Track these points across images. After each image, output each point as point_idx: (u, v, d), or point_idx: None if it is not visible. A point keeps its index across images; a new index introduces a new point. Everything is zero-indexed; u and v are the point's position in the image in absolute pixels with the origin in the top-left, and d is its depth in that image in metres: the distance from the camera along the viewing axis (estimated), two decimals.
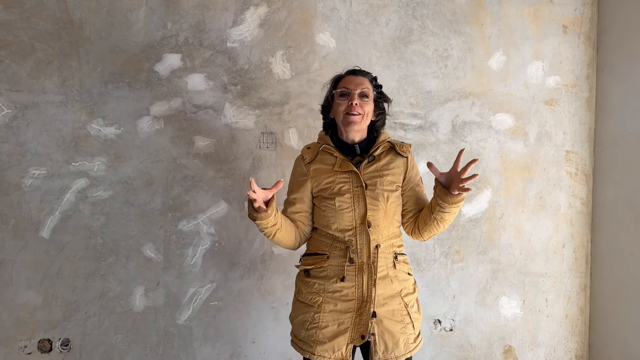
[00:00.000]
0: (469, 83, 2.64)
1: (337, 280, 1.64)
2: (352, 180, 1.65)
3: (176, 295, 2.42)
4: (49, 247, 2.31)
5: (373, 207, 1.64)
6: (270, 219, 1.57)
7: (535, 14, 2.70)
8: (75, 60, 2.31)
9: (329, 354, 1.61)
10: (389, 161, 1.70)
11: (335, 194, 1.66)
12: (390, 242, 1.69)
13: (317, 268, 1.69)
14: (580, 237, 2.80)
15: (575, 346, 2.81)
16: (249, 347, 2.50)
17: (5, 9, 2.24)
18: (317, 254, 1.71)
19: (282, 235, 1.67)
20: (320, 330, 1.63)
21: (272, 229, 1.61)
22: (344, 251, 1.65)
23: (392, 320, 1.63)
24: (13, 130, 2.26)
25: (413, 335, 1.67)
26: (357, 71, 1.74)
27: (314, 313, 1.65)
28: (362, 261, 1.63)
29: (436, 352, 2.66)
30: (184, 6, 2.39)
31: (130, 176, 2.37)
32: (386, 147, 1.72)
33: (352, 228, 1.65)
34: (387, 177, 1.67)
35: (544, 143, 2.73)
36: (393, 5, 2.56)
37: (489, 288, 2.70)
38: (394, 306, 1.64)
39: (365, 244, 1.63)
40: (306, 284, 1.71)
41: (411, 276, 1.74)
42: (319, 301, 1.65)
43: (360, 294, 1.62)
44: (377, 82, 1.76)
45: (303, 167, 1.74)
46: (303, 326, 1.68)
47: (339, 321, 1.63)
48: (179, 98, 2.40)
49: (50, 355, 2.33)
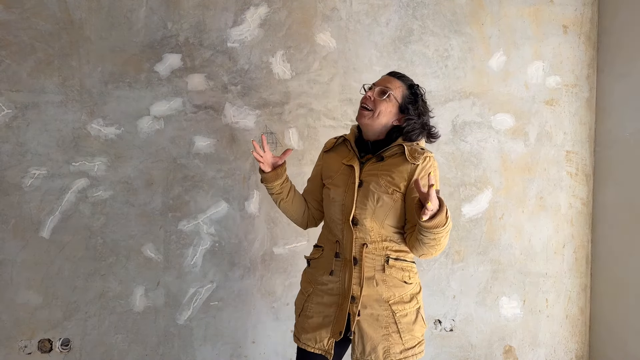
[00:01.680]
0: (469, 83, 2.64)
1: (325, 273, 1.67)
2: (351, 175, 1.66)
3: (176, 295, 2.42)
4: (49, 247, 2.31)
5: (361, 205, 1.61)
6: (276, 183, 1.71)
7: (536, 14, 2.69)
8: (75, 60, 2.31)
9: (312, 344, 1.65)
10: (395, 164, 1.62)
11: (333, 184, 1.69)
12: (383, 245, 1.63)
13: (314, 259, 1.75)
14: (581, 237, 2.80)
15: (576, 346, 2.81)
16: (249, 347, 2.50)
17: (5, 9, 2.24)
18: (318, 246, 1.78)
19: (287, 207, 1.79)
20: (307, 319, 1.68)
21: (277, 196, 1.75)
22: (335, 245, 1.67)
23: (374, 325, 1.60)
24: (13, 130, 2.26)
25: (400, 345, 1.59)
26: (393, 72, 1.73)
27: (304, 302, 1.72)
28: (346, 257, 1.64)
29: (436, 352, 2.66)
30: (184, 6, 2.39)
31: (131, 176, 2.37)
32: (399, 150, 1.64)
33: (341, 222, 1.66)
34: (385, 178, 1.60)
35: (544, 143, 2.73)
36: (393, 5, 2.56)
37: (489, 288, 2.70)
38: (378, 311, 1.60)
39: (350, 240, 1.63)
40: (305, 273, 1.79)
41: (408, 284, 1.64)
42: (310, 291, 1.71)
43: (342, 289, 1.63)
44: (416, 89, 1.68)
45: (322, 154, 1.84)
46: (296, 312, 1.76)
47: (324, 314, 1.65)
48: (179, 98, 2.40)
49: (50, 355, 2.33)
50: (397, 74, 1.70)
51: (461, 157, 2.64)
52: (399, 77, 1.68)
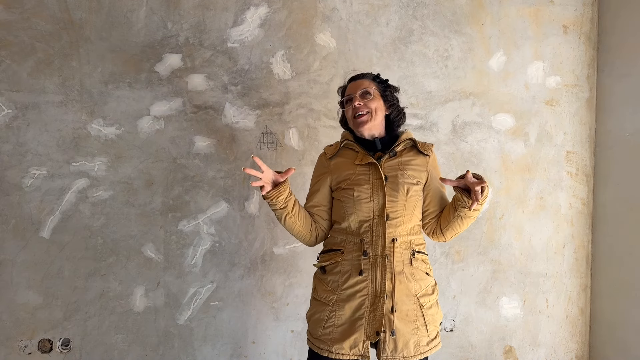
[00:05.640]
0: (469, 83, 2.64)
1: (352, 274, 1.63)
2: (372, 172, 1.66)
3: (176, 296, 2.42)
4: (49, 247, 2.31)
5: (392, 198, 1.64)
6: (280, 199, 1.59)
7: (536, 14, 2.70)
8: (75, 60, 2.31)
9: (347, 352, 1.60)
10: (411, 158, 1.71)
11: (354, 184, 1.67)
12: (409, 239, 1.67)
13: (332, 264, 1.70)
14: (581, 237, 2.80)
15: (576, 346, 2.81)
16: (249, 347, 2.50)
17: (5, 9, 2.24)
18: (332, 250, 1.73)
19: (294, 223, 1.69)
20: (336, 328, 1.62)
21: (281, 211, 1.64)
22: (359, 244, 1.65)
23: (405, 320, 1.61)
24: (13, 131, 2.26)
25: (426, 337, 1.63)
26: (355, 76, 1.80)
27: (329, 311, 1.65)
28: (376, 254, 1.62)
29: (436, 352, 2.66)
30: (185, 6, 2.39)
31: (131, 176, 2.37)
32: (408, 144, 1.74)
33: (370, 219, 1.65)
34: (408, 171, 1.67)
35: (544, 143, 2.73)
36: (393, 6, 2.56)
37: (489, 288, 2.70)
38: (408, 305, 1.62)
39: (381, 236, 1.63)
40: (322, 281, 1.71)
41: (430, 276, 1.71)
42: (333, 299, 1.65)
43: (373, 288, 1.61)
44: (380, 78, 1.78)
45: (324, 162, 1.79)
46: (319, 324, 1.66)
47: (354, 318, 1.62)
48: (180, 98, 2.40)
49: (51, 355, 2.33)
50: (358, 76, 1.79)
51: (461, 157, 2.64)
52: (362, 77, 1.77)
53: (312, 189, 1.80)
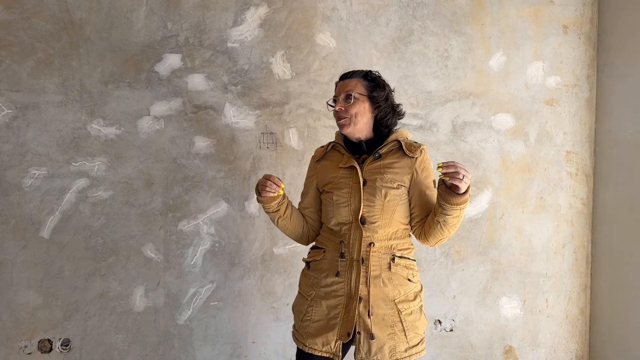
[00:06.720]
0: (469, 83, 2.64)
1: (329, 274, 1.66)
2: (353, 176, 1.66)
3: (176, 296, 2.42)
4: (49, 247, 2.31)
5: (369, 203, 1.63)
6: (273, 203, 1.69)
7: (536, 14, 2.70)
8: (75, 60, 2.31)
9: (319, 348, 1.63)
10: (395, 160, 1.66)
11: (335, 187, 1.68)
12: (389, 243, 1.66)
13: (314, 261, 1.74)
14: (581, 237, 2.80)
15: (576, 346, 2.81)
16: (249, 347, 2.50)
17: (5, 9, 2.24)
18: (317, 248, 1.77)
19: (286, 225, 1.78)
20: (312, 323, 1.66)
21: (274, 214, 1.74)
22: (339, 246, 1.67)
23: (380, 324, 1.60)
24: (13, 131, 2.26)
25: (404, 344, 1.61)
26: (344, 75, 1.74)
27: (307, 306, 1.69)
28: (352, 257, 1.64)
29: (436, 353, 2.66)
30: (185, 6, 2.39)
31: (131, 176, 2.37)
32: (395, 146, 1.68)
33: (349, 223, 1.66)
34: (388, 174, 1.64)
35: (544, 143, 2.73)
36: (393, 6, 2.56)
37: (489, 288, 2.70)
38: (384, 310, 1.61)
39: (358, 240, 1.63)
40: (305, 275, 1.77)
41: (412, 282, 1.67)
42: (312, 294, 1.69)
43: (348, 290, 1.63)
44: (370, 76, 1.70)
45: (312, 164, 1.84)
46: (299, 317, 1.72)
47: (329, 316, 1.64)
48: (179, 98, 2.40)
49: (51, 355, 2.33)
50: (347, 75, 1.72)
51: (461, 157, 2.64)
52: (350, 76, 1.71)
53: (303, 190, 1.86)
